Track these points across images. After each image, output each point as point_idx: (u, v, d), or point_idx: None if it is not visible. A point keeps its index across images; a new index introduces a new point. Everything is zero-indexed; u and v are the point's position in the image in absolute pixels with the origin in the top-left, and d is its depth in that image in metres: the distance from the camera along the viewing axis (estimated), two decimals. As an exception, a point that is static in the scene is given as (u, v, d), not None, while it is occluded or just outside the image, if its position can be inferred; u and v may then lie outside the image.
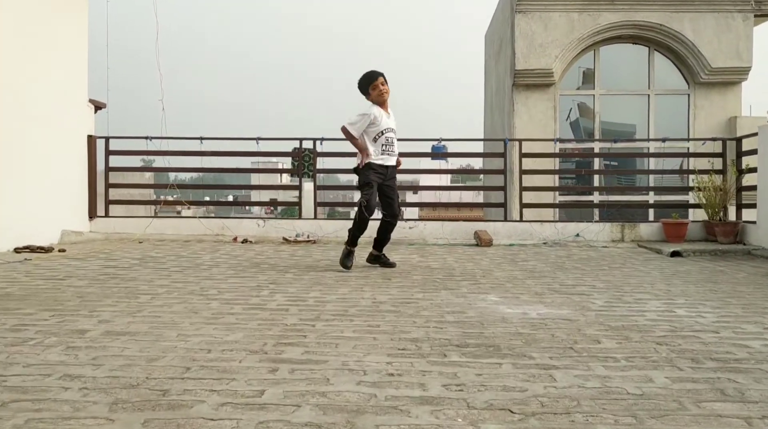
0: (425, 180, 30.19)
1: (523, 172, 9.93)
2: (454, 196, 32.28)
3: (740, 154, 9.49)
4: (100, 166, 9.91)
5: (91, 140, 9.74)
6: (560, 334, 3.61)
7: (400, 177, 7.41)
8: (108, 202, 9.91)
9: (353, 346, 3.27)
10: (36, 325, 3.74)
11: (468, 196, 32.76)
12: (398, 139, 6.65)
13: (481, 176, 21.12)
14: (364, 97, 6.50)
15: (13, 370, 2.82)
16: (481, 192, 22.62)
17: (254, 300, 4.63)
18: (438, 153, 12.58)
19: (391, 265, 6.65)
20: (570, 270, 6.62)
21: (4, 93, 7.81)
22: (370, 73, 6.45)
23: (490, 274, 6.23)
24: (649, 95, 13.27)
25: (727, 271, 6.55)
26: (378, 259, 6.78)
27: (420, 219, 10.04)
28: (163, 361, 2.96)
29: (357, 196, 6.68)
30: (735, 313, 4.29)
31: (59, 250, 7.81)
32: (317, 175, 9.88)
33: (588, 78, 13.52)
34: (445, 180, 34.39)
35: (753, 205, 8.84)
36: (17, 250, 7.64)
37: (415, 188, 19.22)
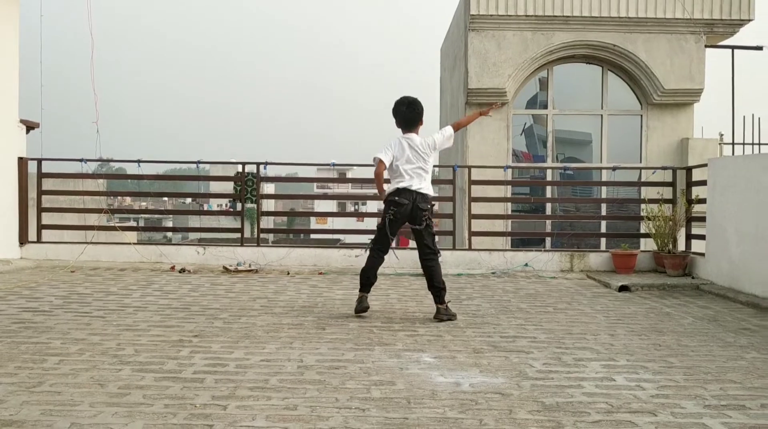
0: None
1: (472, 199, 9.71)
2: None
3: (690, 183, 9.40)
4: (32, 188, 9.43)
5: (23, 162, 9.27)
6: (489, 420, 3.36)
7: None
8: (40, 227, 9.44)
9: (260, 444, 2.98)
10: None
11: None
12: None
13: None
14: (412, 119, 6.08)
15: None
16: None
17: (170, 364, 4.30)
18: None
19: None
20: (514, 312, 6.41)
21: None
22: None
23: (431, 320, 5.99)
24: (602, 115, 13.16)
25: (674, 315, 6.40)
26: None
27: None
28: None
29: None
30: (676, 382, 4.09)
31: (-20, 285, 7.36)
32: (261, 200, 9.53)
33: (545, 85, 13.35)
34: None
35: (703, 237, 8.74)
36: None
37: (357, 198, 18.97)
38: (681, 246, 9.41)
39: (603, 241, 12.11)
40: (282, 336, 5.22)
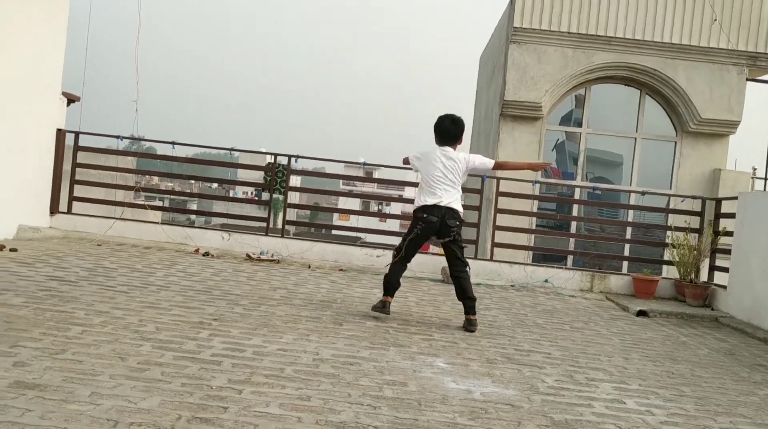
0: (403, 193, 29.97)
1: (498, 210, 9.75)
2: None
3: (719, 215, 9.36)
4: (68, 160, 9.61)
5: (60, 134, 9.45)
6: (497, 429, 3.41)
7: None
8: (71, 199, 9.62)
9: (272, 431, 3.05)
10: (-57, 364, 3.50)
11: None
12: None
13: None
14: (453, 134, 6.05)
15: None
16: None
17: (189, 344, 4.40)
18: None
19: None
20: (530, 327, 6.43)
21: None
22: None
23: (447, 326, 6.03)
24: (636, 138, 13.13)
25: (690, 345, 6.39)
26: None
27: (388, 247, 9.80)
28: (59, 437, 2.73)
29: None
30: (686, 411, 4.11)
31: (10, 250, 7.51)
32: (289, 192, 9.63)
33: (581, 103, 13.32)
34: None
35: (726, 269, 8.69)
36: (-35, 247, 7.35)
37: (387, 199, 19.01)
38: (703, 276, 9.36)
39: (625, 264, 12.09)
40: (300, 328, 5.30)
